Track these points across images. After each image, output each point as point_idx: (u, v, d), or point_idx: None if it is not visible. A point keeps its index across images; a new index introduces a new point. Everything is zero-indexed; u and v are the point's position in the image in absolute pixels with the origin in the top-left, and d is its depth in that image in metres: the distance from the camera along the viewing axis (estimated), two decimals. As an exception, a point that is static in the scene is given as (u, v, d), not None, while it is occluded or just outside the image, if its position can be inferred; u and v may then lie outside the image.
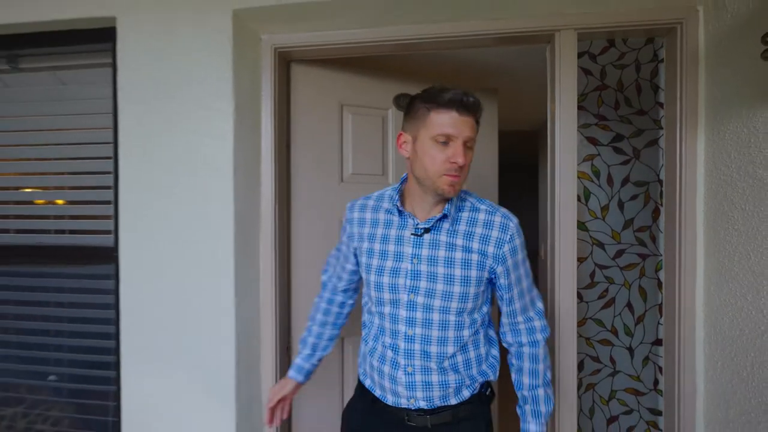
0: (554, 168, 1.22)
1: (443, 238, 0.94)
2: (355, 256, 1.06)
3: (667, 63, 1.20)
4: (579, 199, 1.29)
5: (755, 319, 0.94)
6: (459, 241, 0.93)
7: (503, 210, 0.96)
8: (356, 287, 1.14)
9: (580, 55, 1.27)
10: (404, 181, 0.99)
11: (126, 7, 1.22)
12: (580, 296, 1.30)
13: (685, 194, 1.16)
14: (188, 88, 1.21)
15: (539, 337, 0.97)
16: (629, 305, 1.30)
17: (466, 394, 0.98)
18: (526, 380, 0.97)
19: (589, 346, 1.31)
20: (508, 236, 0.92)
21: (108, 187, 1.36)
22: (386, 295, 0.98)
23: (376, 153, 1.51)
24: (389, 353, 0.97)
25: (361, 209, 1.03)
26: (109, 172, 1.34)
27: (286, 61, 1.37)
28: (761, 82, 0.90)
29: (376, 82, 1.51)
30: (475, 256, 0.93)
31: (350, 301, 1.15)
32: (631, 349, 1.30)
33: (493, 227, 0.93)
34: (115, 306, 1.31)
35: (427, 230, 0.94)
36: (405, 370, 0.95)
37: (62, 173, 1.43)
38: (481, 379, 0.99)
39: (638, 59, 1.28)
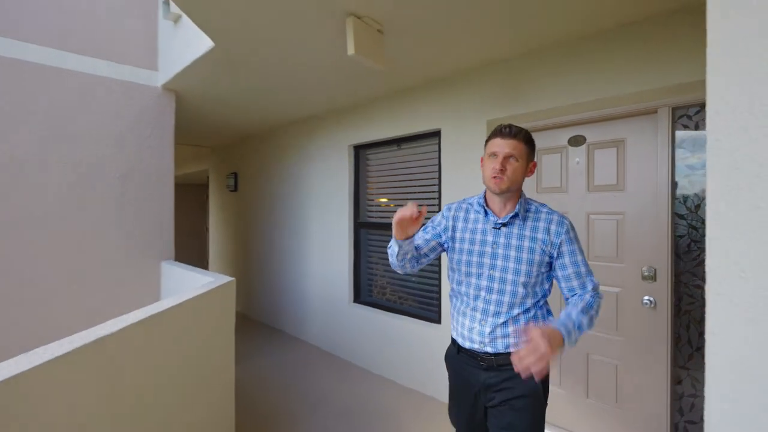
0: (656, 185, 2.15)
1: (515, 230, 1.29)
2: (448, 239, 1.42)
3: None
4: (679, 200, 2.10)
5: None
6: (527, 233, 1.28)
7: (559, 213, 1.31)
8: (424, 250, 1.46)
9: (680, 117, 2.10)
10: (485, 192, 1.40)
11: (444, 124, 2.97)
12: (681, 257, 2.11)
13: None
14: (469, 149, 2.82)
15: (588, 296, 1.24)
16: (716, 265, 2.01)
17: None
18: (579, 307, 1.19)
19: (686, 288, 2.10)
20: (564, 229, 1.26)
21: (436, 199, 3.17)
22: (474, 270, 1.32)
23: (555, 174, 2.67)
24: (469, 311, 1.34)
25: (457, 210, 1.43)
26: (436, 191, 3.15)
27: (511, 135, 2.80)
28: None
29: (555, 133, 2.67)
30: (538, 245, 1.26)
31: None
32: (717, 292, 2.01)
33: (552, 223, 1.28)
34: (437, 248, 3.11)
35: (504, 225, 1.30)
36: (480, 323, 1.30)
37: (414, 193, 3.36)
38: None
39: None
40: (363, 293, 3.88)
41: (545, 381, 1.30)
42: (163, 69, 3.25)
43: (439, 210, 3.03)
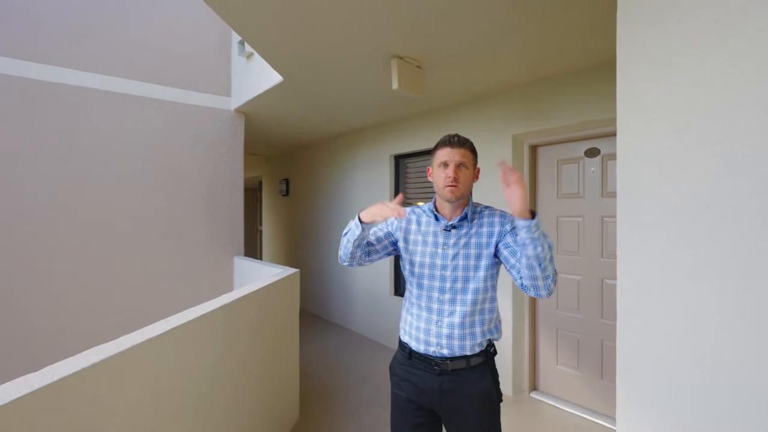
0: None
1: (464, 231, 1.34)
2: (400, 239, 1.42)
3: None
4: None
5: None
6: (474, 232, 1.33)
7: (503, 210, 1.38)
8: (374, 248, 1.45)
9: (681, 132, 2.40)
10: (435, 199, 1.42)
11: (474, 136, 3.34)
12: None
13: None
14: (495, 159, 3.22)
15: None
16: None
17: (477, 348, 1.30)
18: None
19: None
20: (508, 219, 1.33)
21: (466, 202, 3.58)
22: (426, 271, 1.34)
23: (573, 182, 3.01)
24: (425, 314, 1.33)
25: (410, 214, 1.44)
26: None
27: (534, 147, 3.16)
28: None
29: (574, 145, 3.01)
30: (484, 239, 1.32)
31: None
32: None
33: (495, 216, 1.35)
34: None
35: (454, 227, 1.34)
36: (437, 324, 1.30)
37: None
38: (488, 337, 1.33)
39: None
40: (402, 287, 4.34)
41: (496, 382, 1.36)
42: (236, 95, 3.88)
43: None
